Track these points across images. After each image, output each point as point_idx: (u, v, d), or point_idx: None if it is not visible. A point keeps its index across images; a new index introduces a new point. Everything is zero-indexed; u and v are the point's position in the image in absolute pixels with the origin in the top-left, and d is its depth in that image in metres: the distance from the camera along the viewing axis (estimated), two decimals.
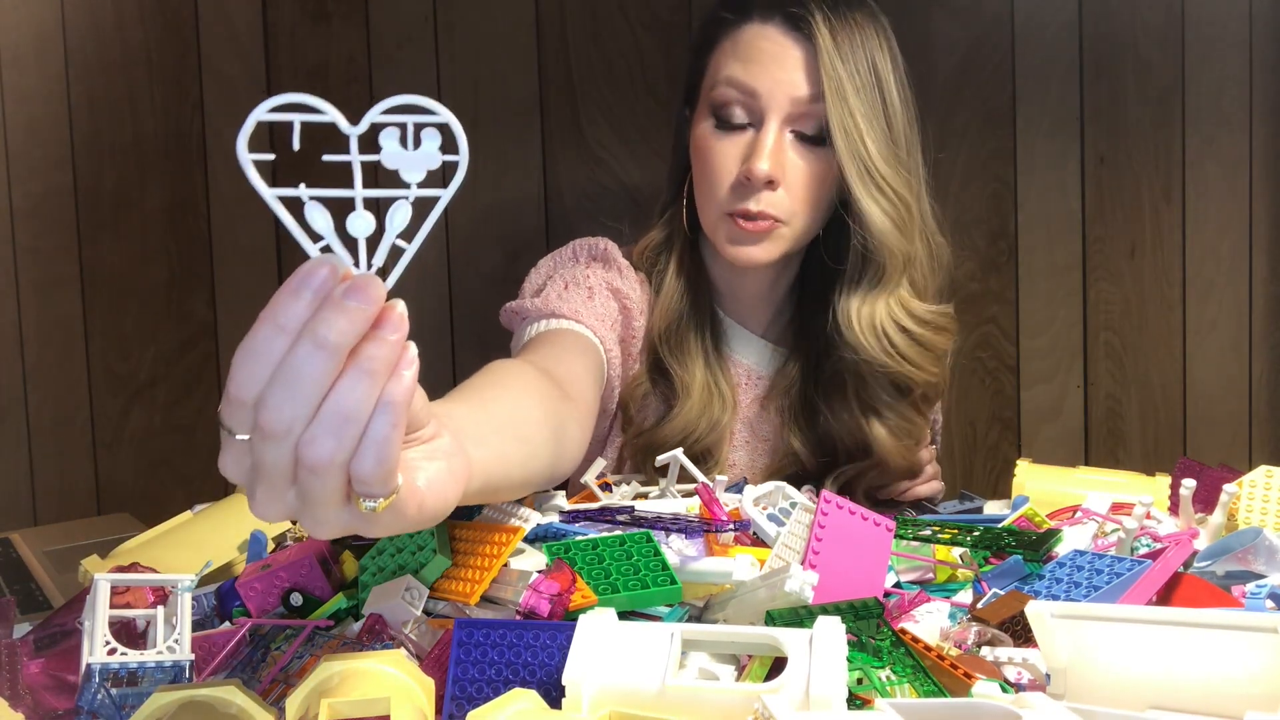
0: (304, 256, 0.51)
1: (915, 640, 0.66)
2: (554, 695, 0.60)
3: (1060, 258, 1.77)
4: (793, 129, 1.16)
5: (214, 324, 1.76)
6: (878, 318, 1.18)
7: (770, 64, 1.15)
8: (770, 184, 1.15)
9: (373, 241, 0.51)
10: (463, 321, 1.74)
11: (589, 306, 1.18)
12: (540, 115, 1.74)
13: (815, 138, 1.16)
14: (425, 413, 0.59)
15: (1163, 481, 1.03)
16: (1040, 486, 1.04)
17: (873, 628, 0.66)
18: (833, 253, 1.21)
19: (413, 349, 0.52)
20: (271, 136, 0.51)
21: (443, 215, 0.52)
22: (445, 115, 0.51)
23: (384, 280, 0.51)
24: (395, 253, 0.52)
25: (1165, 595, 0.74)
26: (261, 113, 0.50)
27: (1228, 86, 1.73)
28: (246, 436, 0.52)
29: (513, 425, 0.77)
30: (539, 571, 0.75)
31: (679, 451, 1.01)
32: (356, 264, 0.51)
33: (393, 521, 0.56)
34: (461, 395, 0.79)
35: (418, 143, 0.51)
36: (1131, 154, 1.75)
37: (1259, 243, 1.75)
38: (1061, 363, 1.79)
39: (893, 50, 1.18)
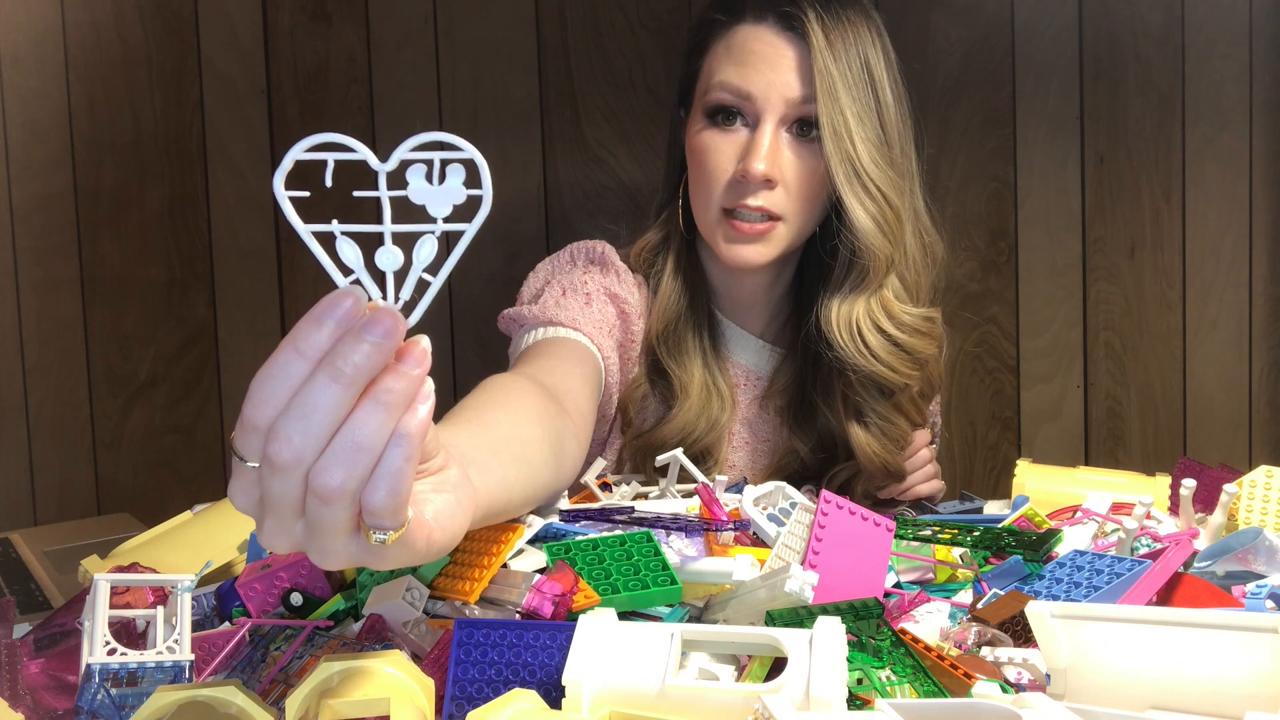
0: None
1: (915, 640, 0.66)
2: (554, 695, 0.60)
3: (1060, 258, 1.77)
4: (788, 128, 1.16)
5: (214, 324, 1.76)
6: (855, 317, 1.18)
7: (764, 66, 1.15)
8: (767, 183, 1.15)
9: (400, 275, 0.52)
10: (463, 322, 1.74)
11: (586, 313, 1.19)
12: (540, 115, 1.74)
13: (811, 136, 1.16)
14: (434, 444, 0.59)
15: (1163, 481, 1.03)
16: (1040, 486, 1.04)
17: (873, 628, 0.66)
18: (829, 251, 1.21)
19: (430, 384, 0.52)
20: (272, 153, 0.51)
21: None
22: (470, 152, 0.51)
23: (410, 313, 0.52)
24: (421, 286, 0.52)
25: (1165, 595, 0.74)
26: (299, 152, 0.51)
27: (1228, 86, 1.73)
28: (257, 465, 0.52)
29: (513, 447, 0.78)
30: (538, 572, 0.75)
31: (679, 451, 1.01)
32: (384, 297, 0.52)
33: (400, 554, 0.55)
34: (462, 418, 0.79)
35: (443, 178, 0.52)
36: (1131, 154, 1.75)
37: (1259, 243, 1.75)
38: (1061, 363, 1.79)
39: (886, 48, 1.18)
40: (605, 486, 1.08)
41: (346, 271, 0.52)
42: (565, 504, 0.96)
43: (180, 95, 1.72)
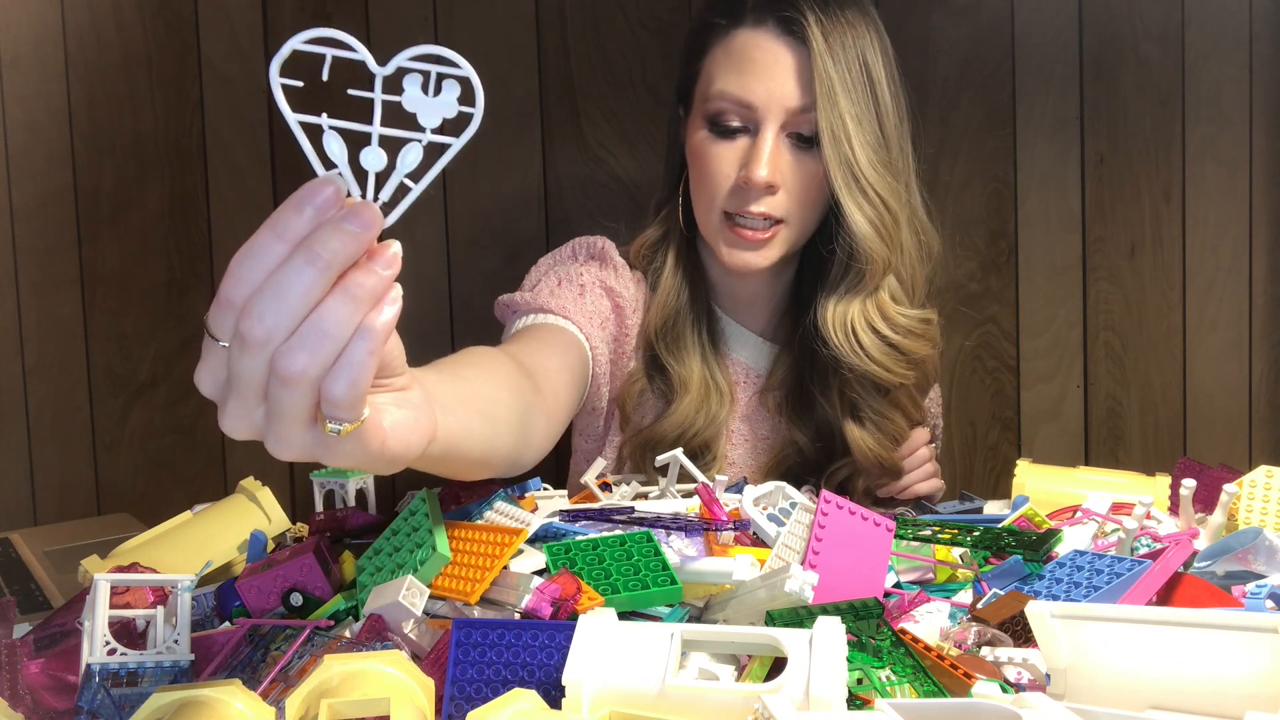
0: None
1: (915, 640, 0.66)
2: (554, 695, 0.60)
3: (1060, 258, 1.77)
4: (789, 133, 1.16)
5: None
6: (850, 318, 1.19)
7: (763, 74, 1.15)
8: (769, 189, 1.16)
9: (381, 178, 0.54)
10: (462, 321, 1.74)
11: (579, 304, 1.20)
12: (540, 115, 1.73)
13: (812, 138, 1.16)
14: (401, 364, 0.61)
15: (1163, 481, 1.03)
16: (1040, 486, 1.04)
17: (873, 628, 0.66)
18: (829, 251, 1.22)
19: (398, 289, 0.54)
20: (272, 154, 0.51)
21: (442, 215, 0.54)
22: (467, 70, 0.53)
23: (388, 215, 0.53)
24: (401, 191, 0.54)
25: (1165, 595, 0.74)
26: (298, 42, 0.53)
27: (1228, 86, 1.72)
28: (228, 344, 0.53)
29: (480, 402, 0.78)
30: (537, 573, 0.75)
31: (679, 451, 1.01)
32: (364, 195, 0.54)
33: (354, 451, 0.57)
34: (434, 366, 0.79)
35: (438, 91, 0.54)
36: (1131, 154, 1.75)
37: (1259, 243, 1.75)
38: (1061, 363, 1.79)
39: (884, 45, 1.18)
40: (605, 486, 1.08)
41: (329, 166, 0.54)
42: (565, 504, 0.96)
43: (180, 95, 1.72)
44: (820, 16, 1.14)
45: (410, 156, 0.54)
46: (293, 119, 0.53)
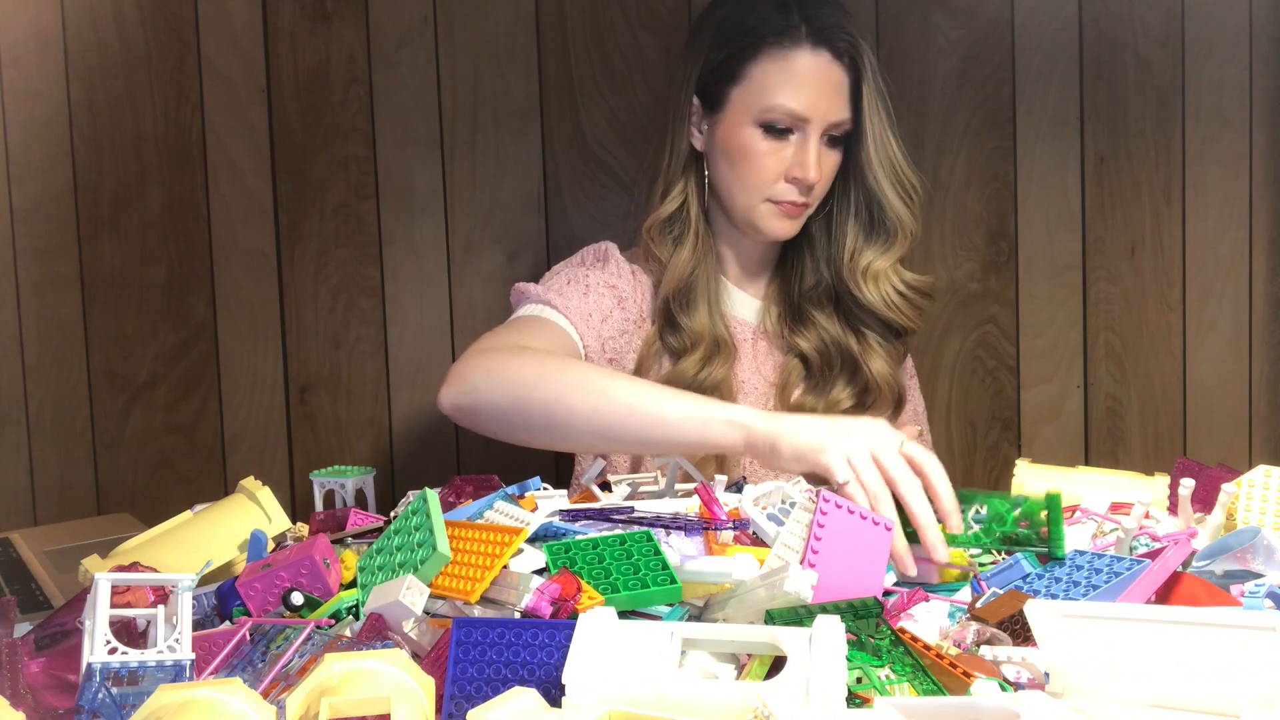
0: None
1: (914, 639, 0.66)
2: (554, 694, 0.60)
3: (1060, 258, 1.77)
4: (823, 136, 1.32)
5: (214, 324, 1.76)
6: (879, 272, 1.38)
7: (818, 92, 1.31)
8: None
9: None
10: (462, 321, 1.74)
11: (581, 302, 1.31)
12: (540, 115, 1.74)
13: (840, 139, 1.34)
14: None
15: (1162, 481, 1.03)
16: (1040, 486, 1.04)
17: (872, 627, 0.66)
18: (865, 218, 1.38)
19: None
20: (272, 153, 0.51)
21: (443, 215, 0.53)
22: None
23: None
24: None
25: (1164, 595, 0.74)
26: None
27: (1228, 86, 1.72)
28: None
29: None
30: (537, 573, 0.75)
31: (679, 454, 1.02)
32: None
33: None
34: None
35: None
36: (1131, 154, 1.75)
37: (1259, 243, 1.75)
38: (1061, 363, 1.79)
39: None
40: (605, 486, 1.08)
41: None
42: (565, 504, 0.96)
43: (180, 95, 1.72)
44: (863, 45, 1.33)
45: None
46: None
